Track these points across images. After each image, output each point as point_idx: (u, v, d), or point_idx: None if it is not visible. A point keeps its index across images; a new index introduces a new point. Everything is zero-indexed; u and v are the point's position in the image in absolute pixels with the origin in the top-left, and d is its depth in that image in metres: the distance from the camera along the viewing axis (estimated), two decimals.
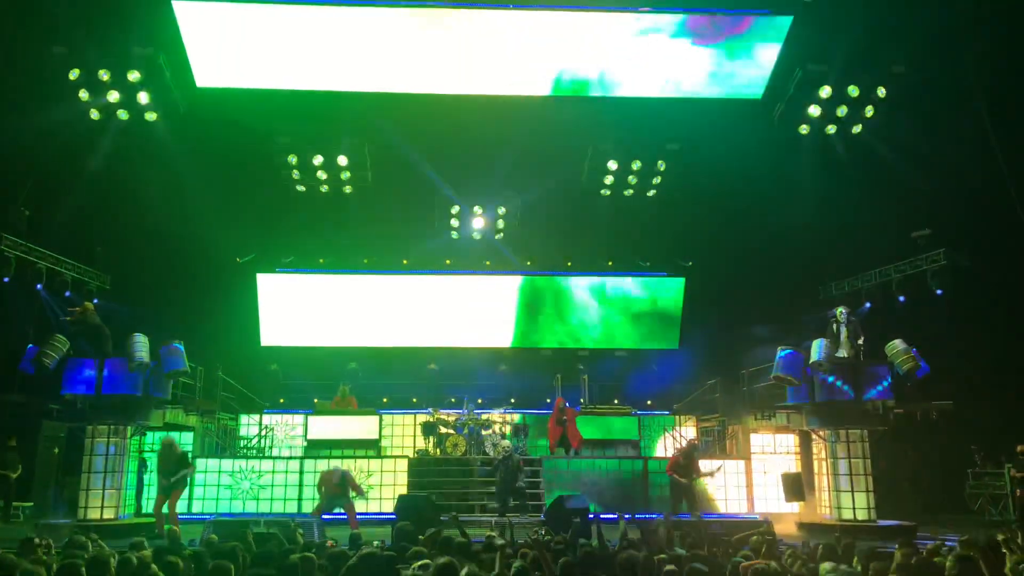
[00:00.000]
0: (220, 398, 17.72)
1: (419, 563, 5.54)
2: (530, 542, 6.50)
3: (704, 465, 14.84)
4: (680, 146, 19.05)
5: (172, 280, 18.76)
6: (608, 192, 19.80)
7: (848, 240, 18.94)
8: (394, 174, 19.34)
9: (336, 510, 13.58)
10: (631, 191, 19.78)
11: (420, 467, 16.55)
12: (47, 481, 16.34)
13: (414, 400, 20.26)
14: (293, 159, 18.84)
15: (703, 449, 18.27)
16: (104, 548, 6.77)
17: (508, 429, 17.69)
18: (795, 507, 15.58)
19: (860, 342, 14.73)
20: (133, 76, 16.46)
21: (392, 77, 17.38)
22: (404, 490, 15.68)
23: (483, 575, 5.28)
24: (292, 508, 15.76)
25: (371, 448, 17.26)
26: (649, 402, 20.83)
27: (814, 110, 17.45)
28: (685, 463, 14.28)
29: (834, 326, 14.99)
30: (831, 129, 17.71)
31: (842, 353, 14.60)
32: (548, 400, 20.52)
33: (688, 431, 18.95)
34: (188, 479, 13.50)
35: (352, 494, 13.47)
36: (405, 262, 21.40)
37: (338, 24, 16.57)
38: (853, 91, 17.20)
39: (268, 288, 20.88)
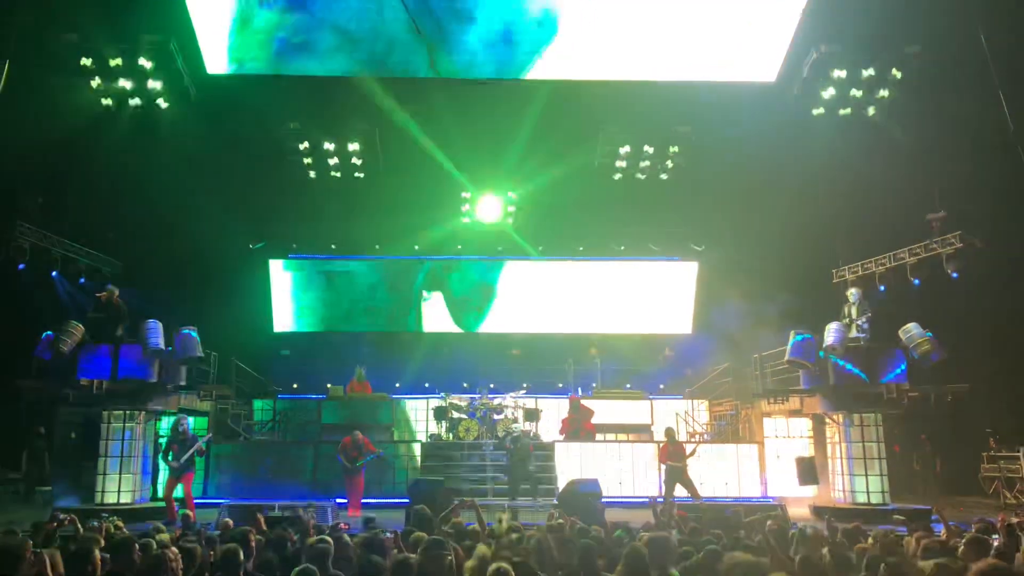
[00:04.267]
0: (234, 383, 17.82)
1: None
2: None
3: (687, 447, 14.84)
4: (693, 129, 18.91)
5: (185, 266, 18.87)
6: (620, 176, 19.68)
7: (862, 223, 18.80)
8: (405, 159, 19.29)
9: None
10: (643, 175, 19.65)
11: (433, 451, 16.63)
12: (64, 466, 16.51)
13: (427, 384, 20.33)
14: (304, 145, 18.83)
15: (716, 433, 18.33)
16: (123, 531, 6.82)
17: (521, 413, 17.72)
18: (809, 491, 15.56)
19: (862, 321, 14.58)
20: (144, 63, 16.46)
21: (403, 62, 17.30)
22: (417, 474, 15.76)
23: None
24: (306, 492, 15.84)
25: (384, 433, 17.31)
26: (662, 386, 20.82)
27: (828, 92, 17.26)
28: (672, 449, 14.33)
29: (845, 308, 14.94)
30: (845, 111, 17.52)
31: (852, 333, 14.53)
32: (560, 385, 20.60)
33: (701, 415, 19.00)
34: (196, 458, 13.66)
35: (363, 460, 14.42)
36: (416, 247, 21.43)
37: (347, 8, 16.50)
38: (868, 73, 17.00)
39: (280, 274, 20.95)
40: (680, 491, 14.07)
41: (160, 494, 14.41)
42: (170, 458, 13.46)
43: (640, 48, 17.16)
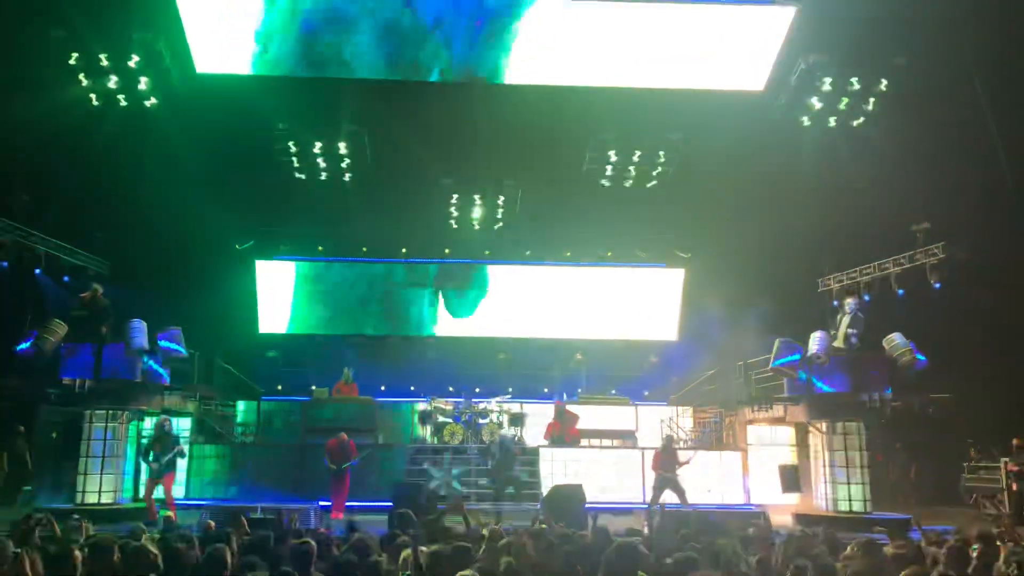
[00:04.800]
0: (218, 384, 17.72)
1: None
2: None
3: (681, 456, 14.89)
4: (680, 137, 18.97)
5: (171, 266, 18.73)
6: (608, 182, 19.72)
7: (848, 232, 18.90)
8: (393, 162, 19.28)
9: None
10: (631, 182, 19.70)
11: (417, 455, 16.60)
12: (45, 465, 16.39)
13: (412, 388, 20.29)
14: (292, 146, 18.77)
15: (700, 441, 18.36)
16: (100, 534, 6.77)
17: (506, 418, 17.72)
18: (792, 498, 15.62)
19: (852, 332, 14.62)
20: (133, 61, 16.36)
21: (392, 64, 17.30)
22: (401, 478, 15.72)
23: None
24: (289, 495, 15.77)
25: (369, 436, 17.24)
26: (646, 393, 20.85)
27: (815, 102, 17.37)
28: (666, 457, 14.37)
29: (838, 316, 14.99)
30: (832, 121, 17.63)
31: (837, 343, 14.59)
32: (546, 390, 20.61)
33: (685, 422, 19.03)
34: (177, 460, 13.58)
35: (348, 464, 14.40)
36: (404, 251, 21.40)
37: (337, 10, 16.49)
38: (855, 83, 17.11)
39: (267, 275, 20.88)
40: (672, 497, 14.10)
41: (142, 495, 14.32)
42: (151, 458, 13.37)
43: (629, 55, 17.24)
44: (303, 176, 19.36)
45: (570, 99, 17.94)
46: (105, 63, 16.31)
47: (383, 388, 20.02)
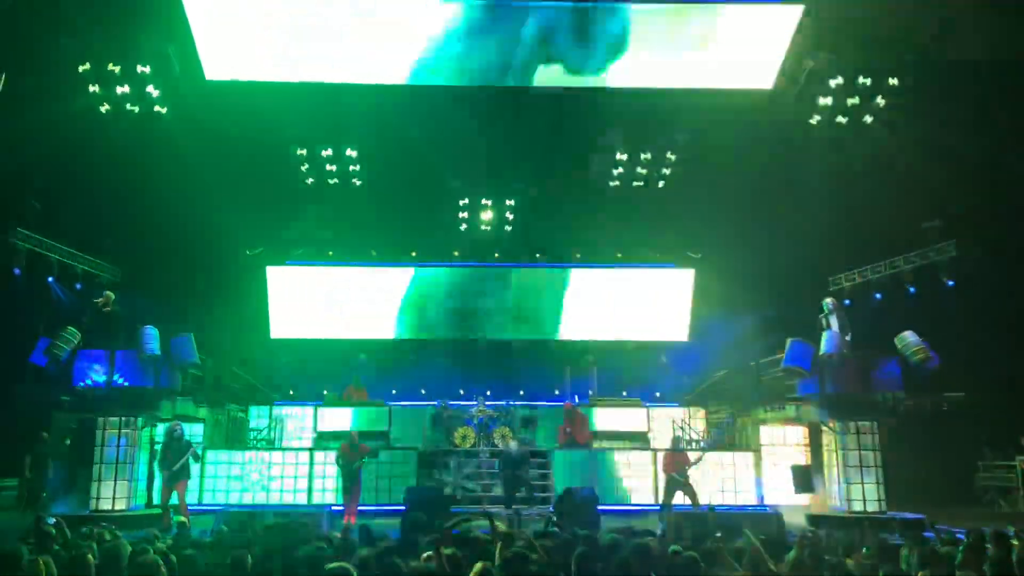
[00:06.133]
0: (230, 390, 17.78)
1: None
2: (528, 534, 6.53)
3: (690, 456, 14.84)
4: (690, 137, 18.92)
5: (182, 272, 18.82)
6: (617, 183, 19.71)
7: (858, 231, 18.82)
8: (403, 166, 19.30)
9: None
10: (640, 182, 19.68)
11: (429, 458, 16.60)
12: (58, 472, 16.46)
13: (423, 391, 20.31)
14: (302, 152, 18.83)
15: (713, 442, 18.30)
16: (119, 539, 6.80)
17: (517, 421, 17.70)
18: (805, 499, 15.56)
19: (848, 337, 14.63)
20: (142, 69, 16.44)
21: (401, 69, 17.32)
22: (413, 482, 15.73)
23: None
24: (302, 500, 15.82)
25: (380, 440, 17.26)
26: (658, 394, 20.81)
27: (825, 100, 17.29)
28: (677, 458, 14.34)
29: (823, 319, 14.97)
30: (842, 119, 17.54)
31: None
32: (557, 392, 20.60)
33: (697, 423, 18.98)
34: (190, 465, 13.60)
35: (358, 462, 14.04)
36: (413, 254, 21.44)
37: (348, 15, 16.53)
38: (865, 81, 17.03)
39: (277, 280, 20.94)
40: (683, 499, 14.08)
41: (156, 501, 14.38)
42: (164, 464, 13.43)
43: (636, 55, 17.19)
44: (313, 181, 19.43)
45: (578, 100, 17.92)
46: (115, 71, 16.38)
47: (394, 392, 20.04)
